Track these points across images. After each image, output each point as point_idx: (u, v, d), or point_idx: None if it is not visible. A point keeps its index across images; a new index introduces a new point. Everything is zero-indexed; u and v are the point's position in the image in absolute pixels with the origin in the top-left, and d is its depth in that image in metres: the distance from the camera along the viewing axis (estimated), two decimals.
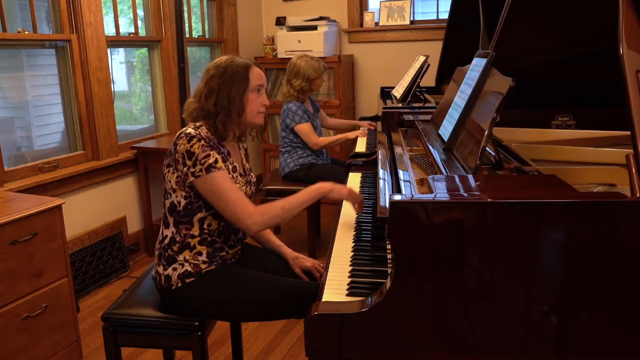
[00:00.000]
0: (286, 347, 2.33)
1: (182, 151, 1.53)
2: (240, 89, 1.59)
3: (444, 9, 4.11)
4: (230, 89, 1.59)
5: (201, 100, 1.61)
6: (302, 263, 1.77)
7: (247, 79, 1.61)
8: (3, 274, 1.87)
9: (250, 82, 1.61)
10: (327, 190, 1.63)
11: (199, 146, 1.52)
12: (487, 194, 1.10)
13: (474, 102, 1.55)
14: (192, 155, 1.52)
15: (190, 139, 1.54)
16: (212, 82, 1.60)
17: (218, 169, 1.53)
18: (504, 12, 1.60)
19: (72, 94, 2.89)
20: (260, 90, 1.64)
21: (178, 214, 1.60)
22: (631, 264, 1.00)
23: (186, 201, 1.58)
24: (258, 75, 1.63)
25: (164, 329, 1.60)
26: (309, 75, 3.16)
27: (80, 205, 2.86)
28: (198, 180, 1.52)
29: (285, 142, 3.28)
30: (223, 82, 1.59)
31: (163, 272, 1.60)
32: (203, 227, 1.61)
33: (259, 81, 1.63)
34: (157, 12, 3.47)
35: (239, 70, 1.60)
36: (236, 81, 1.59)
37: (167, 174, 1.60)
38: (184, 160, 1.53)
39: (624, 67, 1.07)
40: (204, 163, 1.52)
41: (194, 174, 1.52)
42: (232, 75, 1.59)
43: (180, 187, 1.57)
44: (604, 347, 1.04)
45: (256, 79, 1.62)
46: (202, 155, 1.52)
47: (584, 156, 1.56)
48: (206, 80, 1.62)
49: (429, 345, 1.07)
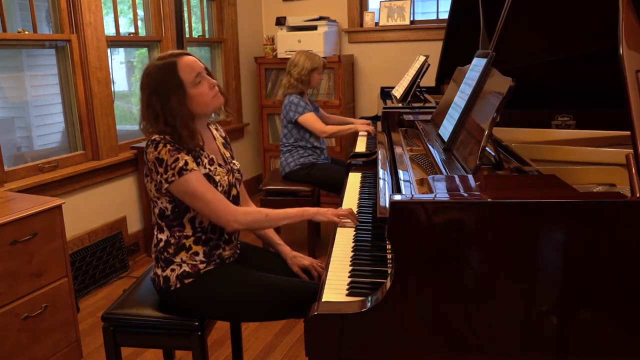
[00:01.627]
0: (286, 347, 2.33)
1: (152, 159, 1.51)
2: (179, 96, 1.51)
3: (444, 9, 4.11)
4: (168, 102, 1.50)
5: (152, 124, 1.54)
6: (300, 261, 1.77)
7: (179, 80, 1.51)
8: (3, 274, 1.87)
9: (183, 80, 1.51)
10: (312, 214, 1.63)
11: (165, 151, 1.49)
12: (487, 194, 1.09)
13: (474, 102, 1.55)
14: (162, 162, 1.49)
15: (156, 145, 1.50)
16: (153, 104, 1.51)
17: (190, 170, 1.50)
18: (504, 12, 1.60)
19: (72, 94, 2.89)
20: (198, 78, 1.53)
21: (168, 219, 1.60)
22: (631, 264, 1.00)
23: (172, 205, 1.58)
24: (188, 67, 1.52)
25: (164, 329, 1.60)
26: (307, 65, 3.18)
27: (80, 205, 2.86)
28: (172, 186, 1.51)
29: (286, 141, 3.27)
30: (160, 99, 1.50)
31: (161, 274, 1.60)
32: (195, 225, 1.60)
33: (192, 73, 1.52)
34: (157, 12, 3.47)
35: (167, 76, 1.50)
36: (171, 90, 1.50)
37: (147, 184, 1.60)
38: (156, 168, 1.51)
39: (624, 67, 1.07)
40: (174, 167, 1.49)
41: (167, 180, 1.50)
42: (163, 85, 1.50)
43: (161, 194, 1.57)
44: (604, 347, 1.04)
45: (188, 73, 1.52)
46: (171, 160, 1.49)
47: (584, 156, 1.56)
48: (146, 100, 1.53)
49: (429, 345, 1.07)
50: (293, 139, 3.25)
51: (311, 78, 3.22)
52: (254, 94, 4.51)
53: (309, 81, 3.23)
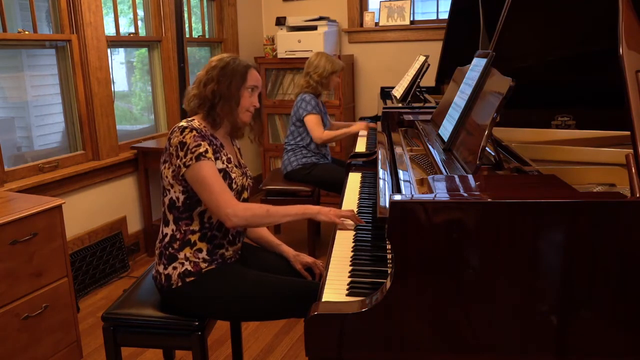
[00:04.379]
0: (286, 347, 2.33)
1: (176, 143, 1.58)
2: (238, 84, 1.68)
3: (444, 9, 4.11)
4: (229, 81, 1.67)
5: (200, 86, 1.68)
6: (303, 259, 1.78)
7: (245, 77, 1.69)
8: (3, 274, 1.88)
9: (247, 80, 1.69)
10: (314, 212, 1.63)
11: (190, 136, 1.57)
12: (487, 194, 1.09)
13: (474, 102, 1.55)
14: (184, 146, 1.56)
15: (182, 130, 1.59)
16: (213, 72, 1.67)
17: (208, 158, 1.57)
18: (504, 12, 1.60)
19: (72, 94, 2.89)
20: (254, 90, 1.72)
21: (178, 210, 1.61)
22: (631, 263, 1.00)
23: (184, 196, 1.60)
24: (255, 78, 1.72)
25: (164, 329, 1.60)
26: (328, 68, 3.21)
27: (80, 205, 2.86)
28: (189, 170, 1.56)
29: (292, 140, 3.27)
30: (223, 75, 1.67)
31: (163, 272, 1.61)
32: (203, 220, 1.62)
33: (255, 82, 1.71)
34: (157, 12, 3.47)
35: (239, 69, 1.69)
36: (235, 77, 1.68)
37: (163, 171, 1.63)
38: (177, 152, 1.57)
39: (624, 67, 1.07)
40: (194, 152, 1.55)
41: (185, 164, 1.55)
42: (233, 70, 1.68)
43: (177, 181, 1.59)
44: (604, 347, 1.04)
45: (253, 80, 1.71)
46: (194, 145, 1.56)
47: (584, 156, 1.56)
48: (207, 69, 1.69)
49: (429, 345, 1.07)
50: (299, 137, 3.25)
51: (330, 81, 3.25)
52: None
53: (328, 84, 3.26)
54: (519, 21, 1.61)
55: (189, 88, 1.75)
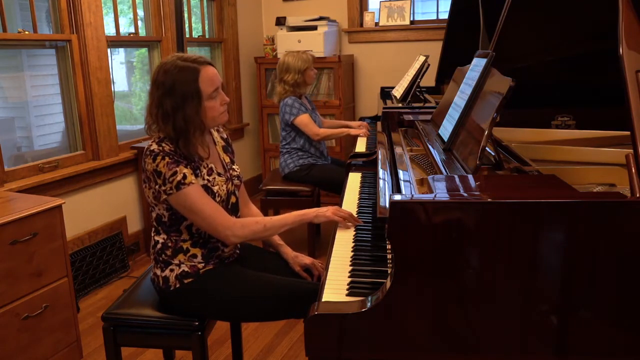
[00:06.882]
0: (286, 347, 2.33)
1: (150, 170, 1.51)
2: (195, 106, 1.50)
3: (444, 9, 4.11)
4: (184, 110, 1.49)
5: (159, 122, 1.52)
6: (301, 260, 1.78)
7: (199, 92, 1.50)
8: (3, 274, 1.87)
9: (202, 92, 1.50)
10: (312, 217, 1.61)
11: (164, 164, 1.49)
12: (487, 194, 1.09)
13: (474, 102, 1.55)
14: (160, 174, 1.49)
15: (154, 157, 1.50)
16: (165, 104, 1.49)
17: (188, 184, 1.49)
18: (504, 12, 1.60)
19: (72, 94, 2.89)
20: (215, 93, 1.54)
21: (165, 225, 1.60)
22: (631, 263, 1.00)
23: (169, 213, 1.58)
24: (209, 80, 1.52)
25: (164, 329, 1.60)
26: (299, 67, 3.15)
27: (80, 205, 2.86)
28: (171, 198, 1.51)
29: (285, 143, 3.27)
30: (175, 104, 1.49)
31: (161, 274, 1.61)
32: (192, 232, 1.61)
33: (211, 87, 1.52)
34: (157, 12, 3.47)
35: (186, 81, 1.48)
36: (188, 99, 1.49)
37: (145, 189, 1.59)
38: (155, 179, 1.51)
39: (624, 67, 1.07)
40: (172, 181, 1.49)
41: (166, 192, 1.51)
42: (182, 93, 1.48)
43: (158, 202, 1.56)
44: (603, 347, 1.04)
45: (208, 85, 1.51)
46: (169, 174, 1.49)
47: (584, 156, 1.56)
48: (158, 98, 1.51)
49: (429, 345, 1.07)
50: (291, 140, 3.24)
51: (306, 77, 3.20)
52: (254, 94, 4.51)
53: (304, 81, 3.21)
54: (519, 21, 1.61)
55: (146, 117, 1.56)
